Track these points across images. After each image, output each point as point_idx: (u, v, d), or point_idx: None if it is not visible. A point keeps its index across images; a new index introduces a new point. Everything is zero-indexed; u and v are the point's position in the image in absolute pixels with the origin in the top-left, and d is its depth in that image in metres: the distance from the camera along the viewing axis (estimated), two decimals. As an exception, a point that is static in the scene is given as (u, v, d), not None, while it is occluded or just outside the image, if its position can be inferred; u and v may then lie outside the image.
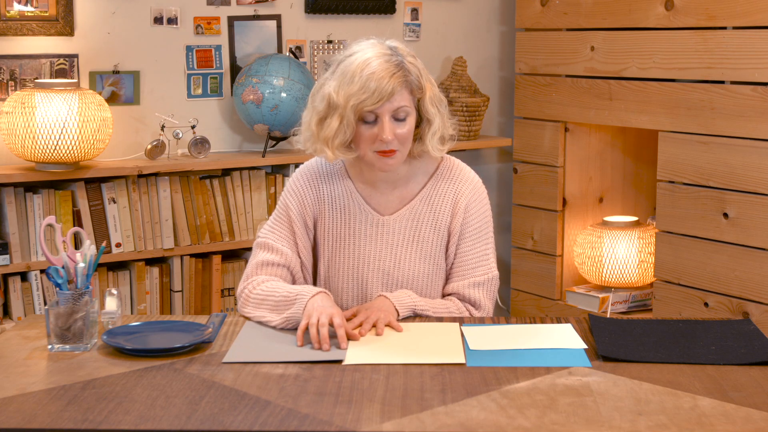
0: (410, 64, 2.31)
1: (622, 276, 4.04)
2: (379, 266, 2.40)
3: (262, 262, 2.40)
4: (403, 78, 2.27)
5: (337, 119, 2.28)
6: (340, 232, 2.42)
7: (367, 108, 2.26)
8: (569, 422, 1.72)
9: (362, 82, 2.25)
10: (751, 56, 3.43)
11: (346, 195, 2.43)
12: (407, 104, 2.29)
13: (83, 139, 3.45)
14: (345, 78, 2.27)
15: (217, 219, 3.84)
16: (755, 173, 3.44)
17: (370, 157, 2.32)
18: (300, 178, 2.47)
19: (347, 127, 2.29)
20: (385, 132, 2.27)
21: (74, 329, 2.09)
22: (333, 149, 2.31)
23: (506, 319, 2.34)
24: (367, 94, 2.24)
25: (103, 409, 1.77)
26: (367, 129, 2.29)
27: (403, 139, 2.30)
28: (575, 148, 4.19)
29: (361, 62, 2.27)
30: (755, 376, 1.94)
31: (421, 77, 2.32)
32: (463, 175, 2.45)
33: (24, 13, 3.57)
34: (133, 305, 3.71)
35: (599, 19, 3.95)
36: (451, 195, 2.42)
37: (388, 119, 2.28)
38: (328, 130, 2.30)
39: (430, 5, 4.40)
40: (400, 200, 2.43)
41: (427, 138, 2.36)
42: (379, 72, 2.25)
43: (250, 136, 4.07)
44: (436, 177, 2.44)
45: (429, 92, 2.34)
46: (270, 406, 1.78)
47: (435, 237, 2.41)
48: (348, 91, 2.26)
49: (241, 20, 4.00)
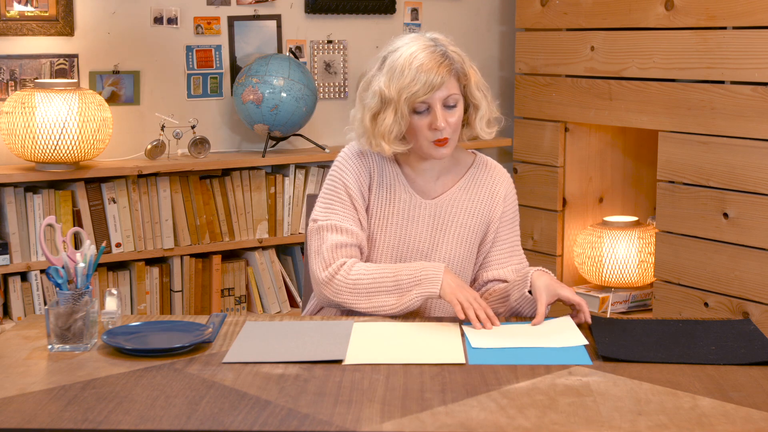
0: (453, 52, 2.40)
1: (622, 276, 4.04)
2: (417, 247, 2.47)
3: (336, 244, 2.40)
4: (449, 66, 2.37)
5: (392, 113, 2.37)
6: (384, 210, 2.47)
7: (420, 99, 2.35)
8: (569, 422, 1.72)
9: (412, 75, 2.34)
10: (751, 56, 3.43)
11: (392, 176, 2.49)
12: (456, 91, 2.38)
13: (83, 139, 3.45)
14: (395, 73, 2.36)
15: (217, 219, 3.84)
16: (755, 173, 3.44)
17: (426, 147, 2.40)
18: (351, 156, 2.50)
19: (402, 120, 2.37)
20: (438, 120, 2.35)
21: (74, 329, 2.09)
22: (390, 143, 2.40)
23: (506, 318, 2.35)
24: (418, 85, 2.33)
25: (103, 409, 1.77)
26: (420, 119, 2.38)
27: (455, 126, 2.40)
28: (575, 148, 4.19)
29: (408, 56, 2.36)
30: (755, 376, 1.94)
31: (464, 64, 2.41)
32: (498, 168, 2.58)
33: (24, 13, 3.57)
34: (133, 305, 3.71)
35: (599, 19, 3.95)
36: (488, 185, 2.53)
37: (439, 107, 2.36)
38: (383, 125, 2.38)
39: (430, 5, 4.40)
40: (442, 187, 2.51)
41: (475, 122, 2.46)
42: (427, 63, 2.34)
43: (250, 136, 4.07)
44: (474, 168, 2.54)
45: (473, 78, 2.43)
46: (270, 406, 1.78)
47: (472, 223, 2.50)
48: (399, 84, 2.35)
49: (241, 20, 4.00)
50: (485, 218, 2.51)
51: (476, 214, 2.51)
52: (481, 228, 2.51)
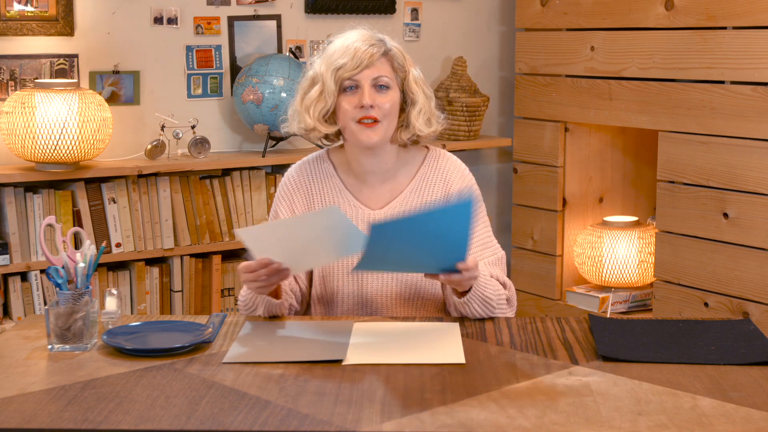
0: (394, 46, 2.38)
1: (622, 276, 4.04)
2: None
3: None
4: (383, 49, 2.35)
5: (319, 88, 2.34)
6: None
7: (347, 74, 2.32)
8: (569, 422, 1.72)
9: (342, 51, 2.33)
10: (751, 56, 3.43)
11: (335, 192, 2.44)
12: (387, 75, 2.34)
13: (83, 139, 3.45)
14: (327, 53, 2.36)
15: (217, 219, 3.84)
16: (755, 173, 3.44)
17: (352, 128, 2.34)
18: (288, 182, 2.48)
19: (328, 96, 2.34)
20: (365, 97, 2.31)
21: (74, 329, 2.09)
22: (313, 117, 2.36)
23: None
24: (346, 59, 2.31)
25: (103, 409, 1.77)
26: (347, 97, 2.34)
27: (386, 111, 2.33)
28: (575, 148, 4.19)
29: (343, 39, 2.37)
30: (755, 376, 1.94)
31: (404, 59, 2.38)
32: (450, 163, 2.47)
33: (24, 13, 3.57)
34: (133, 305, 3.71)
35: (599, 19, 3.95)
36: (441, 184, 2.44)
37: (368, 85, 2.32)
38: (308, 99, 2.36)
39: (430, 5, 4.40)
40: (391, 193, 2.43)
41: (412, 117, 2.38)
42: (359, 43, 2.33)
43: (250, 136, 4.07)
44: (424, 167, 2.45)
45: (412, 74, 2.39)
46: (270, 406, 1.78)
47: None
48: (329, 60, 2.34)
49: (241, 20, 4.00)
50: None
51: None
52: None
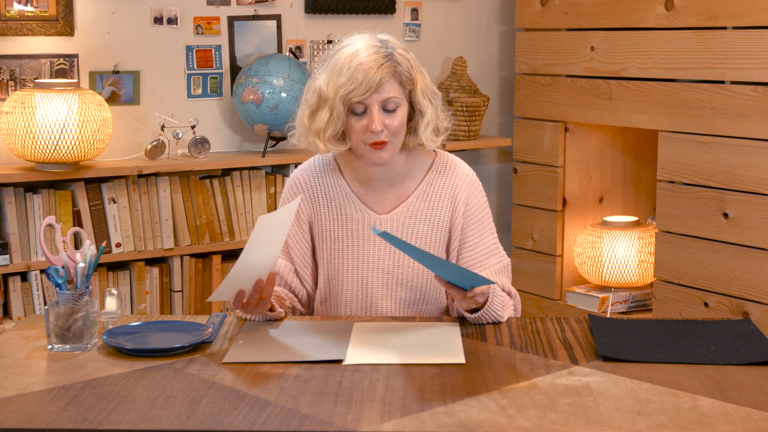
0: (400, 56, 2.31)
1: (622, 276, 4.04)
2: (379, 266, 2.39)
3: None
4: (391, 69, 2.28)
5: (327, 111, 2.29)
6: (337, 233, 2.42)
7: (356, 99, 2.27)
8: (569, 422, 1.72)
9: (350, 74, 2.26)
10: (751, 56, 3.43)
11: (341, 196, 2.42)
12: (396, 95, 2.29)
13: (83, 139, 3.45)
14: (334, 70, 2.29)
15: (217, 219, 3.84)
16: (755, 173, 3.44)
17: (362, 149, 2.32)
18: (294, 184, 2.47)
19: (337, 119, 2.29)
20: (374, 122, 2.27)
21: (74, 329, 2.09)
22: (324, 141, 2.33)
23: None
24: (354, 84, 2.26)
25: (103, 409, 1.77)
26: (357, 121, 2.30)
27: (395, 130, 2.30)
28: (575, 148, 4.19)
29: (350, 54, 2.29)
30: (755, 376, 1.94)
31: (411, 69, 2.32)
32: (458, 169, 2.45)
33: (24, 13, 3.57)
34: (133, 305, 3.71)
35: (599, 19, 3.95)
36: (448, 190, 2.42)
37: (377, 110, 2.28)
38: (318, 122, 2.31)
39: (430, 5, 4.40)
40: (397, 198, 2.42)
41: (420, 129, 2.35)
42: (366, 63, 2.26)
43: (250, 136, 4.07)
44: (432, 172, 2.43)
45: (420, 84, 2.34)
46: (270, 406, 1.78)
47: (434, 233, 2.41)
48: (336, 82, 2.27)
49: (241, 20, 4.00)
50: (447, 225, 2.41)
51: (438, 222, 2.41)
52: (445, 236, 2.42)
